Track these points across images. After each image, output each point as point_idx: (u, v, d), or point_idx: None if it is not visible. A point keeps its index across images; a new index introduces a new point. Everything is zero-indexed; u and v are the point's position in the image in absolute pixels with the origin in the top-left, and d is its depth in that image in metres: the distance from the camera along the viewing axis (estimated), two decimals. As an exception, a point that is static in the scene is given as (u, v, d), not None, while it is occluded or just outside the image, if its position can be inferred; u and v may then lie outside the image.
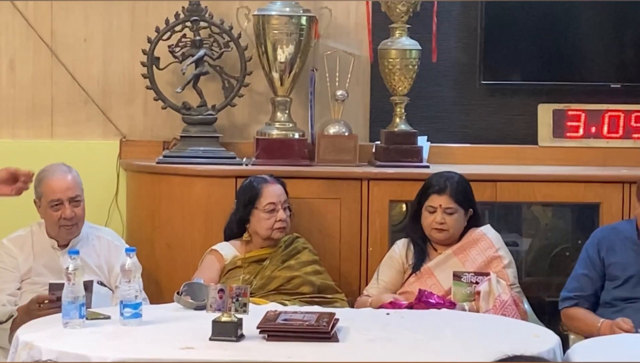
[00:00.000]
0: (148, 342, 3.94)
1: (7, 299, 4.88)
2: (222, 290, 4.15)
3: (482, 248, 4.96)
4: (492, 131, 5.84)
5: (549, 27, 5.79)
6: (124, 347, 3.86)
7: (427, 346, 3.99)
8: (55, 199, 5.00)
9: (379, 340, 4.03)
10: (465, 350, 3.75)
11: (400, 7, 5.49)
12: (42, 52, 5.73)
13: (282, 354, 3.81)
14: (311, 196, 5.38)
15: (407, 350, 3.92)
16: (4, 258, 5.08)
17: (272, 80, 5.56)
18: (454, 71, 5.83)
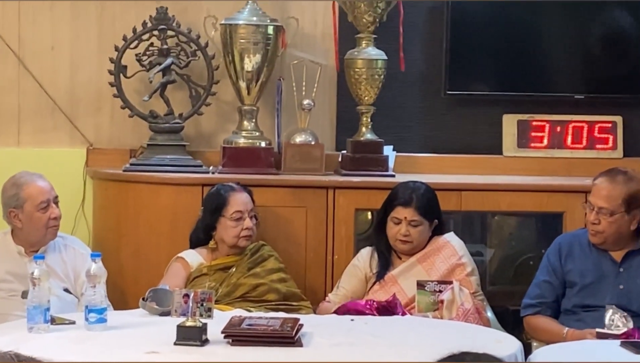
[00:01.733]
0: (113, 347, 3.93)
1: None
2: (187, 295, 4.16)
3: (445, 256, 4.98)
4: (457, 141, 5.86)
5: (513, 38, 5.81)
6: (89, 351, 3.85)
7: (390, 350, 3.99)
8: (44, 200, 5.03)
9: (343, 344, 4.04)
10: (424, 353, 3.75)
11: (367, 17, 5.51)
12: (9, 59, 5.73)
13: (247, 359, 3.82)
14: (277, 205, 5.37)
15: (370, 354, 3.93)
16: None
17: (239, 89, 5.56)
18: (419, 81, 5.84)
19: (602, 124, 5.83)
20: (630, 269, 4.84)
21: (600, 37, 5.83)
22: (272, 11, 5.64)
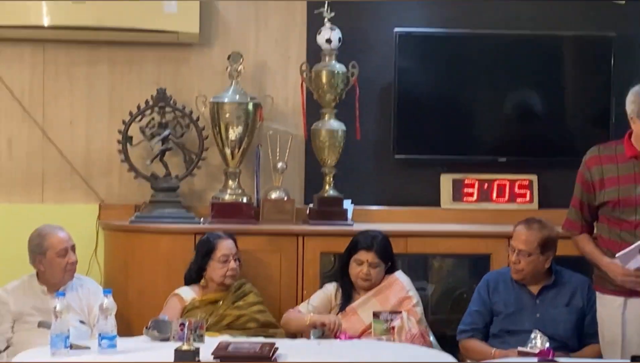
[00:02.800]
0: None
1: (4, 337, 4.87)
2: (182, 323, 4.19)
3: (395, 290, 4.96)
4: (403, 196, 5.83)
5: (449, 112, 5.80)
6: None
7: None
8: (63, 248, 5.00)
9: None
10: None
11: (329, 95, 5.54)
12: (35, 131, 5.70)
13: None
14: (257, 249, 5.34)
15: None
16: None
17: (225, 155, 5.53)
18: (372, 147, 5.81)
19: (521, 182, 5.84)
20: (545, 300, 4.85)
21: (518, 113, 5.85)
22: (252, 90, 5.63)
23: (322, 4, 5.59)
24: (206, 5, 5.69)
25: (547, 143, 5.82)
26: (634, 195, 4.47)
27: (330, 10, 5.56)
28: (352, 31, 5.69)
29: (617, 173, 4.52)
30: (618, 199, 4.50)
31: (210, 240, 5.10)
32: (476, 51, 5.80)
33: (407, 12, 5.82)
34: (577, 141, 5.74)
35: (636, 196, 4.47)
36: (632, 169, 4.50)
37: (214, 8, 5.74)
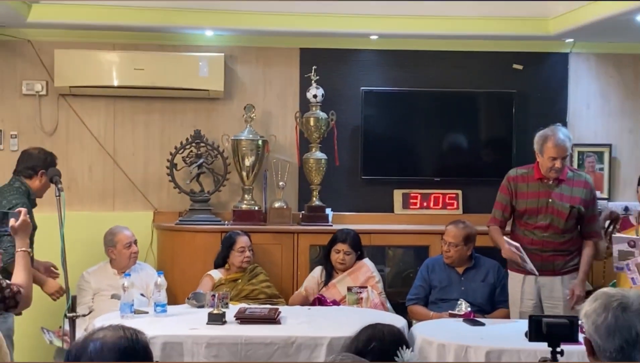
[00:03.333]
0: (171, 326, 3.99)
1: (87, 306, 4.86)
2: (213, 295, 4.24)
3: (363, 272, 4.98)
4: (368, 205, 5.80)
5: (400, 146, 5.76)
6: (159, 327, 3.90)
7: (332, 325, 4.07)
8: (127, 242, 5.04)
9: (304, 323, 4.11)
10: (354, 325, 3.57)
11: (315, 134, 5.55)
12: (108, 160, 5.70)
13: (249, 331, 3.87)
14: (264, 243, 5.33)
15: (321, 327, 3.99)
16: (82, 283, 5.05)
17: (242, 177, 5.53)
18: (346, 170, 5.77)
19: (450, 195, 5.82)
20: (468, 278, 4.88)
21: (448, 146, 5.81)
22: (261, 131, 5.63)
23: (310, 70, 5.62)
24: (228, 70, 5.70)
25: (468, 168, 5.79)
26: (537, 206, 4.56)
27: (316, 75, 5.59)
28: (331, 89, 5.70)
29: (527, 189, 4.60)
30: (526, 208, 4.58)
31: (231, 236, 5.12)
32: (419, 103, 5.80)
33: (370, 76, 5.84)
34: (489, 167, 5.74)
35: (538, 207, 4.55)
36: (537, 188, 4.58)
37: (234, 72, 5.77)
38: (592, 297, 2.27)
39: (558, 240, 4.53)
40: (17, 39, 5.55)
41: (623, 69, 5.93)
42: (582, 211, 4.52)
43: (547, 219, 4.52)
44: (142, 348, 2.01)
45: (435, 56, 5.81)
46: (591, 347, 2.24)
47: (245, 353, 3.78)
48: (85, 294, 5.01)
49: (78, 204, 5.59)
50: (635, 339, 2.16)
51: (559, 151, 4.44)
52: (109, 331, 2.01)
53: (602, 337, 2.18)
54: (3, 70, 5.61)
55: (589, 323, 2.22)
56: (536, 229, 4.55)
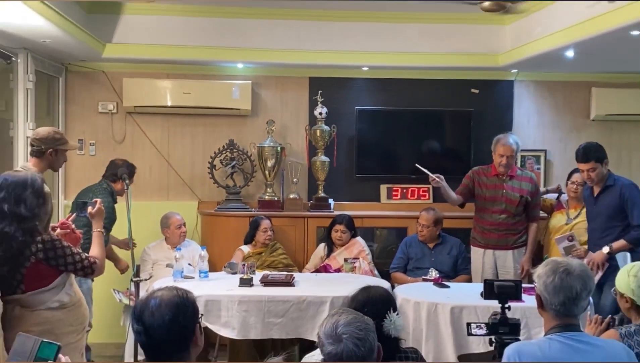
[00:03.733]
0: (212, 287, 4.01)
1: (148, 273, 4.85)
2: (244, 264, 4.29)
3: (356, 247, 4.97)
4: (361, 196, 5.76)
5: (386, 150, 5.72)
6: (202, 288, 3.91)
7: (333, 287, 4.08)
8: (179, 224, 5.04)
9: (313, 285, 4.15)
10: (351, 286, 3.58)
11: (321, 141, 5.51)
12: (162, 162, 5.70)
13: (270, 292, 3.89)
14: (282, 225, 5.32)
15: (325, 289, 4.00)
16: (144, 255, 5.05)
17: (265, 175, 5.51)
18: (344, 169, 5.75)
19: (423, 189, 5.75)
20: (436, 251, 4.88)
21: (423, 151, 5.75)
22: (279, 139, 5.61)
23: (316, 93, 5.61)
24: (255, 94, 5.70)
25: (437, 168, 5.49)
26: (494, 195, 4.61)
27: (321, 97, 5.59)
28: (333, 108, 5.69)
29: (486, 181, 4.65)
30: (485, 196, 4.61)
31: (257, 220, 5.13)
32: (400, 118, 5.76)
33: (363, 98, 5.82)
34: (453, 168, 5.65)
35: (495, 196, 4.59)
36: (494, 182, 4.63)
37: (259, 95, 5.76)
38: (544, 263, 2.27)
39: (510, 222, 4.58)
40: (95, 70, 5.62)
41: (555, 92, 5.94)
42: (529, 200, 4.56)
43: (502, 205, 4.57)
44: (190, 304, 2.03)
45: (412, 82, 5.81)
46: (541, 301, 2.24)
47: (268, 309, 3.84)
48: (146, 264, 5.02)
49: (141, 196, 5.62)
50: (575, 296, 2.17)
51: (506, 150, 4.51)
52: (165, 291, 2.02)
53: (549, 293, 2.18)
54: (83, 94, 5.66)
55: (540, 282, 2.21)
56: (494, 213, 4.59)
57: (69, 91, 5.67)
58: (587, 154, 3.90)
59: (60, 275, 2.84)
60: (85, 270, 2.91)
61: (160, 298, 1.97)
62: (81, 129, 5.70)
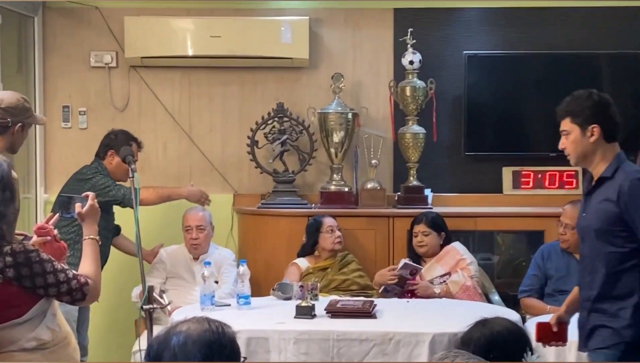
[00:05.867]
0: (256, 320, 4.05)
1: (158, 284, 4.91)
2: (302, 286, 4.32)
3: (452, 256, 4.95)
4: (472, 185, 5.76)
5: (510, 116, 5.74)
6: (243, 320, 3.95)
7: (434, 320, 4.07)
8: (187, 225, 5.14)
9: (402, 317, 4.14)
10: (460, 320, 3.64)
11: (412, 105, 5.53)
12: (184, 138, 5.77)
13: (341, 326, 3.91)
14: (356, 228, 5.35)
15: (421, 322, 4.00)
16: (157, 261, 5.17)
17: (330, 154, 5.56)
18: (447, 146, 5.76)
19: (568, 173, 5.74)
20: None
21: None
22: (350, 103, 5.64)
23: (405, 33, 5.58)
24: (314, 35, 5.72)
25: None
26: None
27: (412, 38, 5.55)
28: (430, 54, 5.67)
29: None
30: None
31: (316, 219, 5.18)
32: (530, 68, 5.73)
33: (474, 38, 5.78)
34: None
35: None
36: None
37: (320, 38, 5.78)
38: None
39: None
40: (84, 6, 5.68)
41: None
42: None
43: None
44: (229, 342, 2.04)
45: (550, 13, 5.72)
46: None
47: (338, 351, 3.82)
48: (157, 274, 5.12)
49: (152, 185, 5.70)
50: None
51: None
52: (192, 323, 2.04)
53: None
54: (70, 41, 5.75)
55: None
56: None
57: (49, 37, 5.76)
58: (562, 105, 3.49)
59: (38, 302, 2.88)
60: (74, 295, 2.92)
61: (186, 333, 2.01)
62: (66, 92, 5.80)
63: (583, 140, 3.34)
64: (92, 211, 3.13)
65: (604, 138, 3.33)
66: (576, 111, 3.36)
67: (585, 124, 3.33)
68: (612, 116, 3.36)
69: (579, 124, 3.35)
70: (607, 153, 3.33)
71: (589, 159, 3.36)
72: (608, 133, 3.34)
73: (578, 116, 3.34)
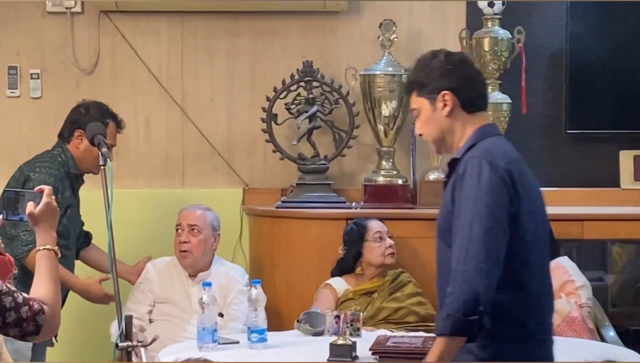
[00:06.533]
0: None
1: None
2: (338, 316, 4.29)
3: (557, 275, 4.81)
4: (577, 176, 5.77)
5: (629, 79, 5.74)
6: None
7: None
8: (178, 223, 5.15)
9: None
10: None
11: (492, 65, 5.53)
12: (174, 111, 5.78)
13: None
14: (414, 236, 5.33)
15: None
16: (141, 281, 5.16)
17: (378, 132, 5.55)
18: (541, 122, 5.76)
19: None
20: None
21: None
22: (406, 61, 5.58)
23: (483, -36, 5.59)
24: (355, -31, 5.75)
25: None
26: None
27: (493, -29, 5.57)
28: (517, -7, 5.67)
29: None
30: None
31: (358, 223, 5.18)
32: None
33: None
34: None
35: None
36: None
37: (364, -28, 5.79)
38: None
39: None
40: None
41: None
42: None
43: None
44: None
45: None
46: None
47: (388, 407, 3.84)
48: (142, 298, 5.14)
49: (131, 178, 5.72)
50: None
51: None
52: None
53: None
54: (18, -23, 5.80)
55: None
56: None
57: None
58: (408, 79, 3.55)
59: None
60: (24, 326, 2.92)
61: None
62: (13, 48, 5.83)
63: (435, 115, 3.34)
64: (48, 212, 3.11)
65: (462, 108, 3.33)
66: (420, 79, 3.38)
67: (433, 94, 3.34)
68: (469, 77, 3.38)
69: (427, 96, 3.36)
70: (467, 127, 3.33)
71: (449, 140, 3.37)
72: (466, 100, 3.33)
73: (424, 86, 3.36)
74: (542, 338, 3.23)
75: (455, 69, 3.35)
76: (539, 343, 3.20)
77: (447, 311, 3.05)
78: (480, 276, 3.03)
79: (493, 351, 3.11)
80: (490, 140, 3.30)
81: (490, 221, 3.08)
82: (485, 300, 3.02)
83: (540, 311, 3.25)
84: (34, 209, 3.09)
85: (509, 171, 3.17)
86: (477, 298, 3.01)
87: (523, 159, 3.38)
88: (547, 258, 3.33)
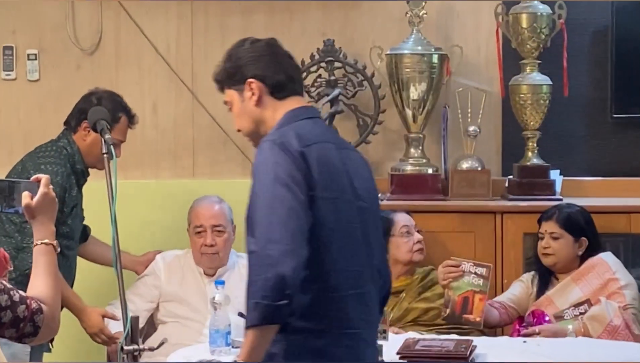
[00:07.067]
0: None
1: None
2: None
3: (599, 272, 4.91)
4: (624, 164, 5.75)
5: None
6: None
7: None
8: (198, 225, 5.12)
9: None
10: None
11: (531, 43, 5.52)
12: (184, 95, 5.81)
13: None
14: (445, 230, 5.38)
15: None
16: (147, 273, 5.19)
17: (406, 117, 5.57)
18: (585, 105, 5.76)
19: None
20: None
21: None
22: (436, 40, 5.65)
23: None
24: (381, -62, 5.76)
25: None
26: None
27: (532, -61, 5.57)
28: (558, -37, 5.67)
29: None
30: None
31: (384, 216, 4.97)
32: None
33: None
34: None
35: None
36: None
37: (390, -59, 5.80)
38: None
39: None
40: None
41: None
42: None
43: None
44: None
45: None
46: None
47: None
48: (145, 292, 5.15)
49: (137, 168, 5.77)
50: None
51: None
52: None
53: None
54: (13, -51, 5.84)
55: None
56: None
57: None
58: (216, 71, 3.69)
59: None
60: (21, 327, 2.94)
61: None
62: (8, 26, 5.86)
63: (245, 106, 3.51)
64: (46, 203, 3.13)
65: (270, 95, 3.48)
66: (227, 70, 3.56)
67: (240, 84, 3.50)
68: (276, 62, 3.53)
69: (235, 88, 3.53)
70: (277, 114, 3.48)
71: (262, 130, 3.50)
72: (275, 86, 3.48)
73: (231, 77, 3.53)
74: (344, 333, 3.30)
75: (260, 55, 3.51)
76: (337, 338, 3.28)
77: (254, 300, 3.13)
78: (285, 259, 3.12)
79: (282, 345, 3.21)
80: (298, 123, 3.43)
81: (290, 202, 3.20)
82: (293, 282, 3.11)
83: (344, 305, 3.31)
84: (30, 200, 3.10)
85: (302, 153, 3.27)
86: (284, 281, 3.09)
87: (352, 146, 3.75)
88: (358, 250, 3.37)
